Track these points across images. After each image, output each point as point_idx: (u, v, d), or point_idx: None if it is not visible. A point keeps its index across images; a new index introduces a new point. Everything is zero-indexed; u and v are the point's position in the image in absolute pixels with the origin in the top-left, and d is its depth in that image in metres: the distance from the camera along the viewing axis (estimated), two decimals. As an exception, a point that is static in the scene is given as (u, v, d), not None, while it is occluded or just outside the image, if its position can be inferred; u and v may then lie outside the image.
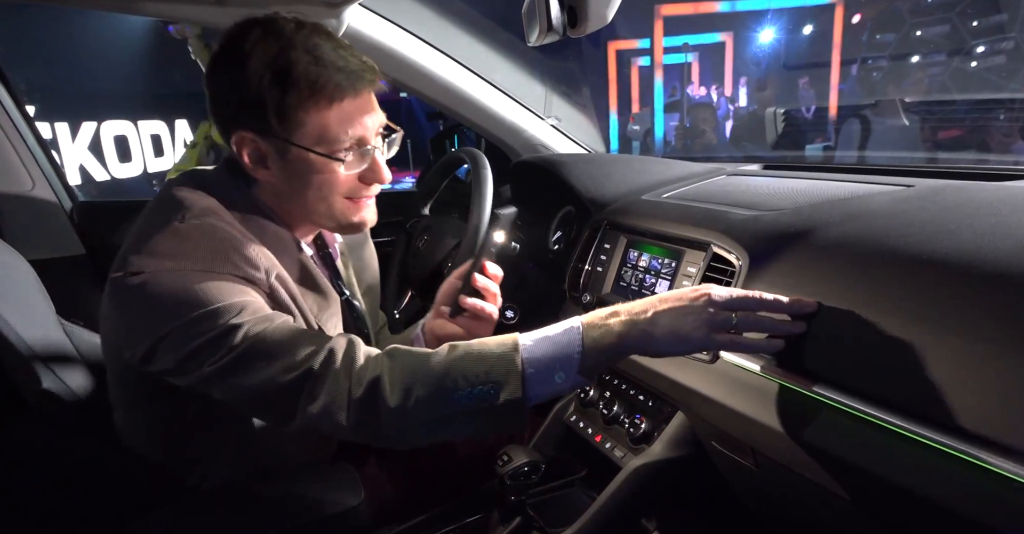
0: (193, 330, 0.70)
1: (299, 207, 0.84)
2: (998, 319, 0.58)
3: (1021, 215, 0.68)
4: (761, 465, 0.83)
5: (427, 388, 0.67)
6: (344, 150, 0.79)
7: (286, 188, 0.82)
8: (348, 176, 0.81)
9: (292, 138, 0.77)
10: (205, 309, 0.70)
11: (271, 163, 0.80)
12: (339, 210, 0.84)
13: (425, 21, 1.52)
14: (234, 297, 0.72)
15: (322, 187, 0.81)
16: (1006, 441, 0.53)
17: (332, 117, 0.77)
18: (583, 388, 1.08)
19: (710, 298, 0.67)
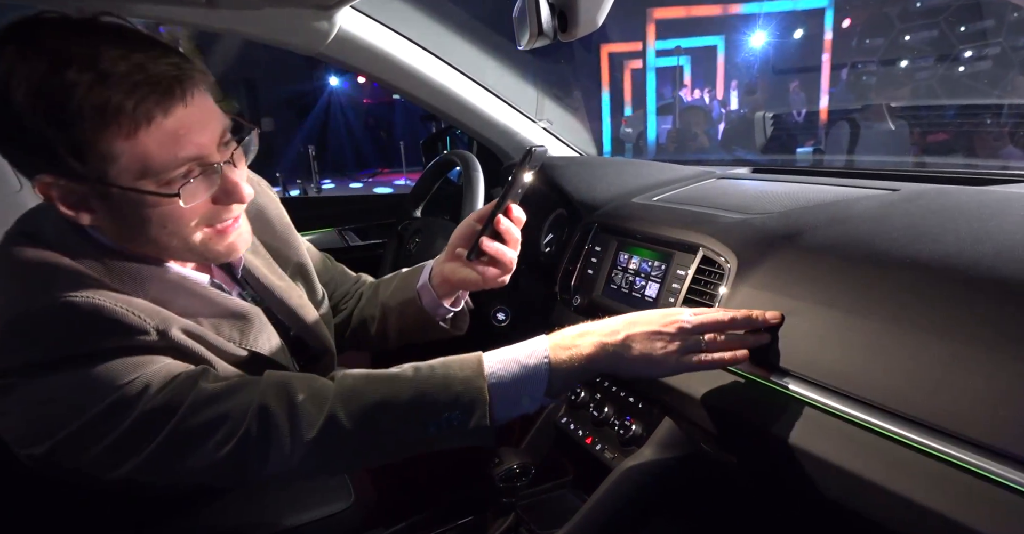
0: (100, 428, 0.59)
1: (149, 248, 0.69)
2: (978, 322, 0.59)
3: (1001, 220, 0.69)
4: (750, 467, 0.84)
5: (392, 421, 0.64)
6: (180, 178, 0.63)
7: (125, 231, 0.67)
8: (193, 208, 0.66)
9: (107, 178, 0.60)
10: (106, 402, 0.59)
11: (95, 206, 0.64)
12: (199, 242, 0.69)
13: (417, 24, 1.52)
14: (134, 374, 0.61)
15: (166, 223, 0.65)
16: (986, 441, 0.54)
17: (150, 142, 0.60)
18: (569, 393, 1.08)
19: (681, 325, 0.68)
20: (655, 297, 1.00)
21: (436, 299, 0.93)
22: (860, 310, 0.69)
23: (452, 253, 0.89)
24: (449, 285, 0.91)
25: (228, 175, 0.67)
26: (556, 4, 0.94)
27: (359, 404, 0.64)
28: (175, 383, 0.63)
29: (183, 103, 0.62)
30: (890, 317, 0.66)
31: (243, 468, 0.63)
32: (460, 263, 0.88)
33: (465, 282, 0.88)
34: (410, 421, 0.65)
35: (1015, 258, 0.61)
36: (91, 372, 0.60)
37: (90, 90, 0.57)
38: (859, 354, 0.67)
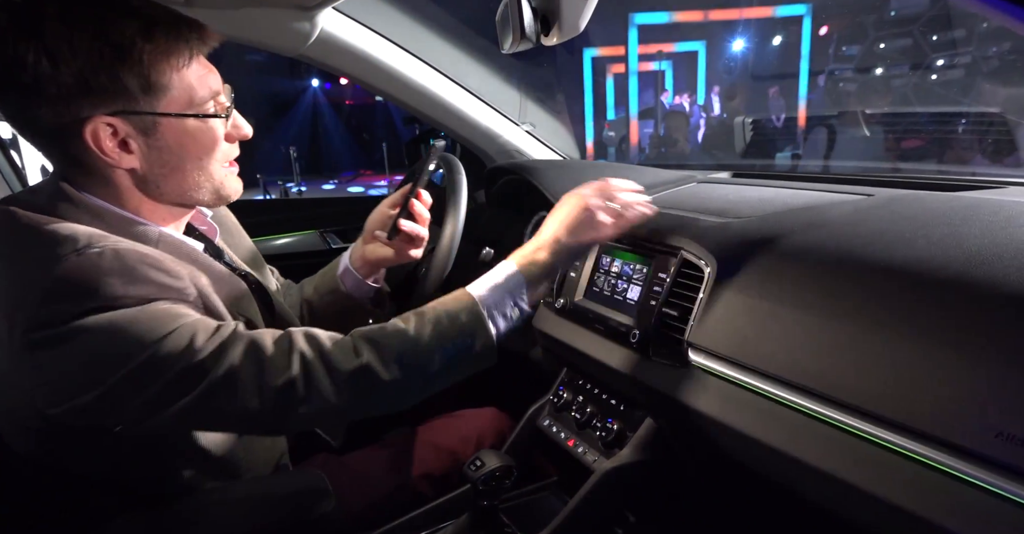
0: (148, 373, 0.64)
1: (175, 185, 0.76)
2: (949, 325, 0.61)
3: (971, 226, 0.71)
4: (730, 468, 0.85)
5: (416, 356, 0.74)
6: (212, 108, 0.75)
7: (157, 169, 0.74)
8: (217, 136, 0.77)
9: (160, 108, 0.71)
10: (154, 348, 0.64)
11: (136, 146, 0.71)
12: (219, 178, 0.79)
13: (400, 26, 1.52)
14: (177, 323, 0.66)
15: (203, 154, 0.76)
16: (958, 441, 0.56)
17: (192, 77, 0.72)
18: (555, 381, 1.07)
19: (590, 208, 0.86)
20: (637, 299, 1.01)
21: (360, 280, 1.06)
22: (836, 313, 0.71)
23: (370, 236, 1.04)
24: (370, 265, 1.05)
25: (235, 114, 0.80)
26: (539, 8, 0.95)
27: (383, 344, 0.73)
28: (217, 332, 0.69)
29: (208, 47, 0.75)
30: (865, 320, 0.68)
31: (285, 410, 0.69)
32: (378, 244, 1.03)
33: (384, 259, 1.04)
34: (431, 352, 0.75)
35: (983, 262, 0.63)
36: (138, 319, 0.65)
37: (146, 32, 0.68)
38: (835, 356, 0.68)
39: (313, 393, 0.69)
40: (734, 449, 0.81)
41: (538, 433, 1.18)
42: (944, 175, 1.10)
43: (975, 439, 0.55)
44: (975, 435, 0.55)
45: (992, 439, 0.54)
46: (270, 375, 0.68)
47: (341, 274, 1.06)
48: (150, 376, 0.64)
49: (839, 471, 0.65)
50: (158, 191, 0.76)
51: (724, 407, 0.80)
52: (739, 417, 0.77)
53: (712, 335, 0.85)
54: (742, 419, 0.77)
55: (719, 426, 0.80)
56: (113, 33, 0.66)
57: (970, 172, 1.04)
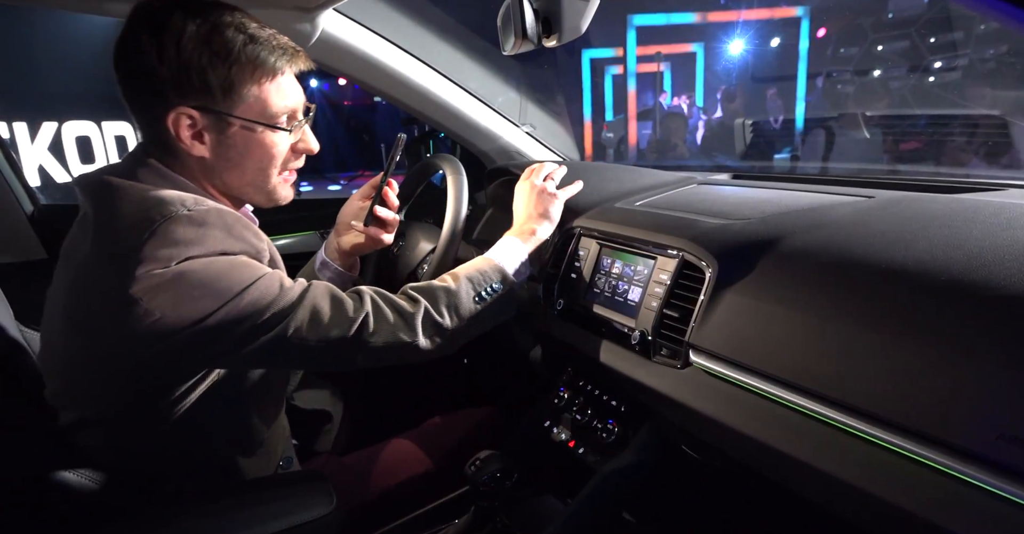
0: (245, 308, 0.74)
1: (234, 180, 0.85)
2: (951, 327, 0.61)
3: (971, 227, 0.71)
4: (730, 469, 0.85)
5: (463, 306, 0.92)
6: (282, 123, 0.84)
7: (222, 162, 0.83)
8: (283, 147, 0.86)
9: (235, 112, 0.79)
10: (250, 287, 0.74)
11: (208, 138, 0.81)
12: (274, 182, 0.88)
13: (401, 27, 1.52)
14: (265, 271, 0.78)
15: (263, 159, 0.84)
16: (959, 443, 0.56)
17: (271, 91, 0.81)
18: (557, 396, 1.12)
19: (544, 190, 1.14)
20: (638, 300, 1.01)
21: (339, 270, 1.14)
22: (837, 314, 0.71)
23: (345, 227, 1.13)
24: (346, 254, 1.13)
25: (307, 129, 0.90)
26: (540, 10, 0.95)
27: (434, 294, 0.90)
28: (297, 282, 0.81)
29: (294, 69, 0.84)
30: (866, 321, 0.68)
31: (358, 341, 0.82)
32: (353, 234, 1.11)
33: (359, 247, 1.12)
34: (472, 299, 0.93)
35: (983, 264, 0.63)
36: (234, 264, 0.75)
37: (245, 46, 0.78)
38: (836, 357, 0.68)
39: (383, 326, 0.83)
40: (735, 450, 0.81)
41: (538, 434, 1.18)
42: (944, 177, 1.10)
43: (976, 441, 0.55)
44: (976, 437, 0.55)
45: (993, 441, 0.54)
46: (347, 310, 0.81)
47: (319, 268, 1.14)
48: (246, 310, 0.74)
49: (840, 472, 0.65)
50: (220, 181, 0.85)
51: (725, 408, 0.80)
52: (740, 418, 0.77)
53: (713, 336, 0.85)
54: (743, 420, 0.77)
55: (720, 427, 0.80)
56: (217, 41, 0.76)
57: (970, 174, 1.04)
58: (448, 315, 0.90)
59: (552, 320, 1.20)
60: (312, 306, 0.79)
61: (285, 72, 0.82)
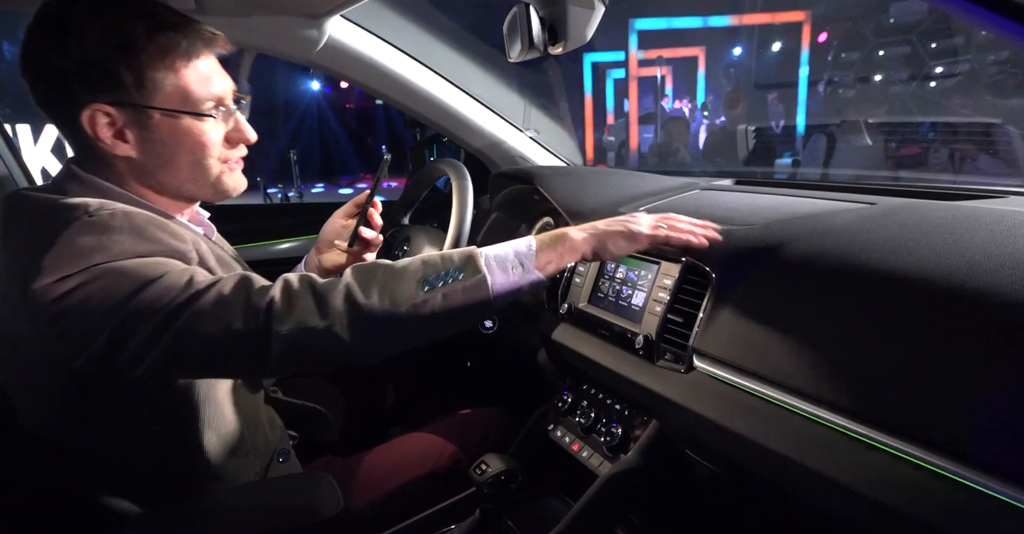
0: (147, 308, 0.67)
1: (170, 177, 0.81)
2: (953, 333, 0.62)
3: (973, 235, 0.72)
4: (734, 473, 0.86)
5: (401, 289, 0.72)
6: (208, 109, 0.79)
7: (152, 160, 0.78)
8: (217, 137, 0.81)
9: (153, 103, 0.75)
10: (152, 285, 0.67)
11: (131, 136, 0.77)
12: (215, 174, 0.83)
13: (407, 33, 1.53)
14: (173, 267, 0.71)
15: (195, 151, 0.80)
16: (963, 448, 0.57)
17: (190, 77, 0.77)
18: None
19: (637, 228, 0.86)
20: (642, 305, 1.02)
21: None
22: (839, 320, 0.72)
23: (328, 245, 1.10)
24: (327, 272, 1.10)
25: (239, 118, 0.84)
26: (547, 18, 0.96)
27: (366, 271, 0.74)
28: (205, 273, 0.73)
29: (214, 53, 0.80)
30: (868, 327, 0.69)
31: (267, 328, 0.68)
32: (335, 253, 1.09)
33: (340, 266, 1.09)
34: (413, 280, 0.73)
35: (985, 271, 0.64)
36: (139, 266, 0.69)
37: (151, 32, 0.73)
38: (839, 363, 0.69)
39: (294, 310, 0.69)
40: (738, 454, 0.82)
41: (543, 437, 1.19)
42: (945, 184, 1.11)
43: (981, 447, 0.56)
44: (981, 443, 0.56)
45: (998, 447, 0.55)
46: (253, 296, 0.69)
47: None
48: (148, 311, 0.67)
49: (844, 477, 0.66)
50: (155, 181, 0.81)
51: (729, 412, 0.80)
52: (744, 422, 0.78)
53: (717, 341, 0.86)
54: (747, 424, 0.78)
55: (723, 431, 0.80)
56: (121, 30, 0.72)
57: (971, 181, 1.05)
58: (376, 296, 0.71)
59: (556, 324, 1.21)
60: (217, 297, 0.69)
61: (201, 56, 0.78)
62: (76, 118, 0.74)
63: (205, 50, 0.78)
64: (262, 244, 1.79)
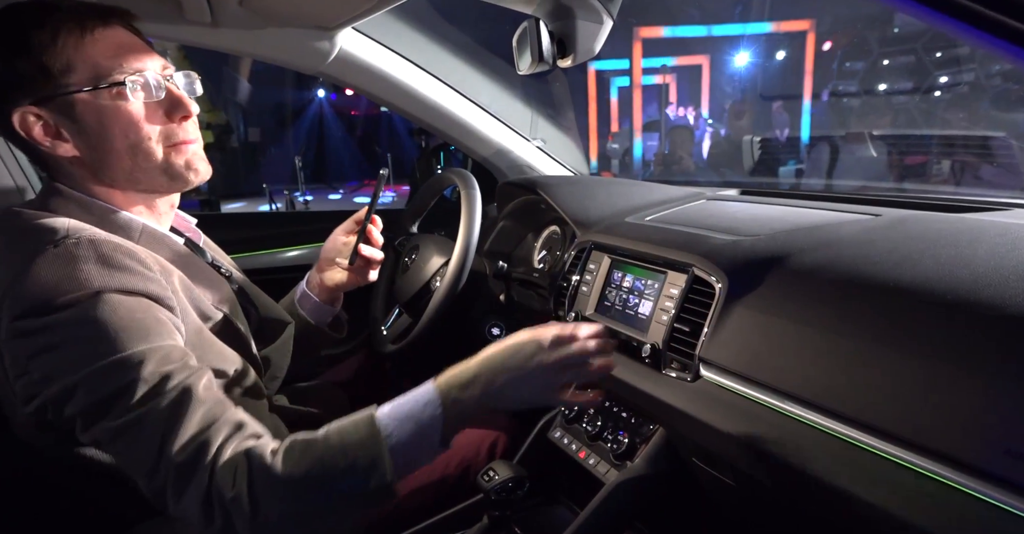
0: (104, 377, 0.64)
1: (117, 170, 0.77)
2: (957, 344, 0.63)
3: (976, 247, 0.73)
4: (740, 481, 0.86)
5: (288, 489, 0.64)
6: (129, 78, 0.74)
7: (93, 154, 0.76)
8: (152, 113, 0.77)
9: (70, 87, 0.72)
10: (118, 354, 0.65)
11: (66, 132, 0.75)
12: (163, 157, 0.79)
13: (416, 45, 1.56)
14: (146, 336, 0.67)
15: (127, 131, 0.75)
16: (966, 458, 0.58)
17: (96, 50, 0.73)
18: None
19: (543, 362, 0.74)
20: (649, 314, 1.03)
21: (318, 303, 1.11)
22: (845, 330, 0.73)
23: (329, 262, 1.09)
24: (328, 290, 1.10)
25: (172, 89, 0.79)
26: (556, 33, 0.99)
27: (275, 478, 0.64)
28: (171, 365, 0.67)
29: (121, 25, 0.76)
30: (874, 338, 0.70)
31: (163, 486, 0.63)
32: (336, 270, 1.08)
33: (342, 284, 1.09)
34: (314, 489, 0.65)
35: (989, 284, 0.65)
36: (108, 314, 0.66)
37: (39, 18, 0.71)
38: (845, 373, 0.70)
39: (192, 489, 0.63)
40: (745, 463, 0.83)
41: (549, 444, 1.20)
42: (950, 196, 1.12)
43: (983, 457, 0.57)
44: (983, 453, 0.57)
45: (1000, 457, 0.56)
46: (171, 447, 0.63)
47: (299, 299, 1.11)
48: (100, 383, 0.64)
49: (848, 486, 0.66)
50: (107, 177, 0.78)
51: (735, 421, 0.81)
52: (750, 432, 0.79)
53: (723, 351, 0.87)
54: (753, 434, 0.79)
55: (730, 440, 0.81)
56: (5, 28, 0.71)
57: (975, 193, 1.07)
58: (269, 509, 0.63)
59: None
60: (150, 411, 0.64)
61: (97, 29, 0.74)
62: (9, 126, 0.73)
63: (101, 23, 0.74)
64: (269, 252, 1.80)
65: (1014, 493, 0.55)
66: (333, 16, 1.21)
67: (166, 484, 0.64)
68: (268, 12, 1.17)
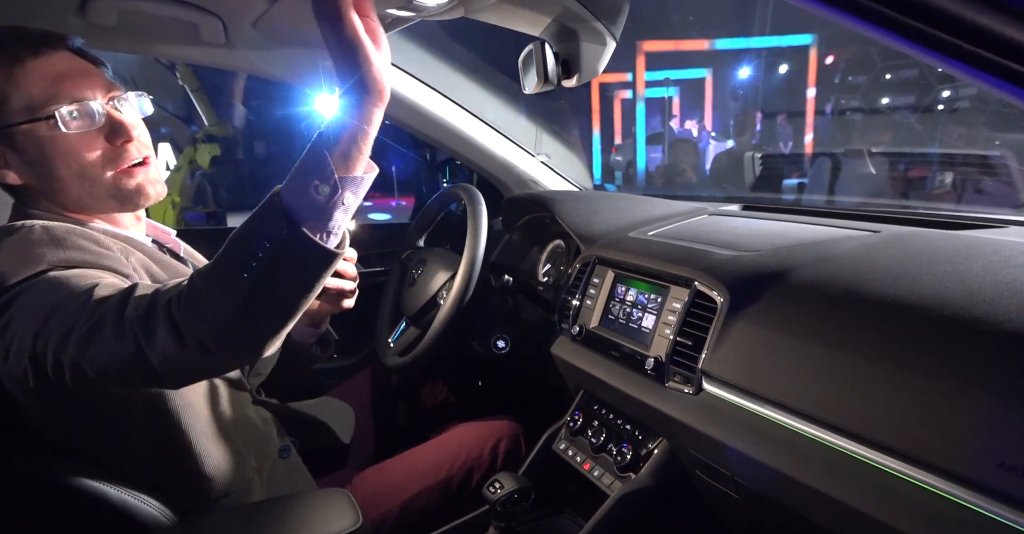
0: (52, 322, 0.65)
1: (66, 194, 0.79)
2: (952, 359, 0.64)
3: (972, 264, 0.75)
4: (742, 494, 0.87)
5: (209, 279, 0.62)
6: (58, 111, 0.74)
7: (41, 182, 0.78)
8: (92, 140, 0.77)
9: (7, 121, 0.74)
10: (68, 300, 0.65)
11: (11, 161, 0.77)
12: (110, 182, 0.79)
13: (422, 62, 1.59)
14: (87, 281, 0.68)
15: (68, 160, 0.76)
16: (961, 471, 0.59)
17: (29, 83, 0.73)
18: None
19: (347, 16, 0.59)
20: (652, 328, 1.05)
21: (301, 326, 1.11)
22: (844, 345, 0.75)
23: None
24: (309, 317, 1.10)
25: (112, 114, 0.79)
26: (561, 54, 1.01)
27: (187, 280, 0.64)
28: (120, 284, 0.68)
29: (54, 52, 0.75)
30: (872, 352, 0.71)
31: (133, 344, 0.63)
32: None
33: (321, 312, 1.09)
34: (227, 267, 0.62)
35: (983, 300, 0.67)
36: (59, 279, 0.68)
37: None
38: (843, 387, 0.72)
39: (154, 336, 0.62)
40: (748, 476, 0.84)
41: (554, 456, 1.21)
42: (947, 213, 1.14)
43: (978, 470, 0.58)
44: (978, 466, 0.58)
45: (995, 470, 0.57)
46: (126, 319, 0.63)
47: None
48: (52, 327, 0.65)
49: (847, 497, 0.68)
50: (60, 202, 0.80)
51: (738, 434, 0.83)
52: (753, 445, 0.80)
53: (725, 364, 0.88)
54: (755, 447, 0.80)
55: (733, 453, 0.83)
56: None
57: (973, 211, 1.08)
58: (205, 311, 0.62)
59: (568, 345, 1.24)
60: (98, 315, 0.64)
61: (34, 54, 0.74)
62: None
63: (33, 53, 0.74)
64: None
65: (1009, 505, 0.56)
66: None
67: (139, 339, 0.62)
68: (279, 34, 1.20)
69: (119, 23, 1.04)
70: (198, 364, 0.65)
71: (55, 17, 1.04)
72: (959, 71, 0.36)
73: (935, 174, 2.28)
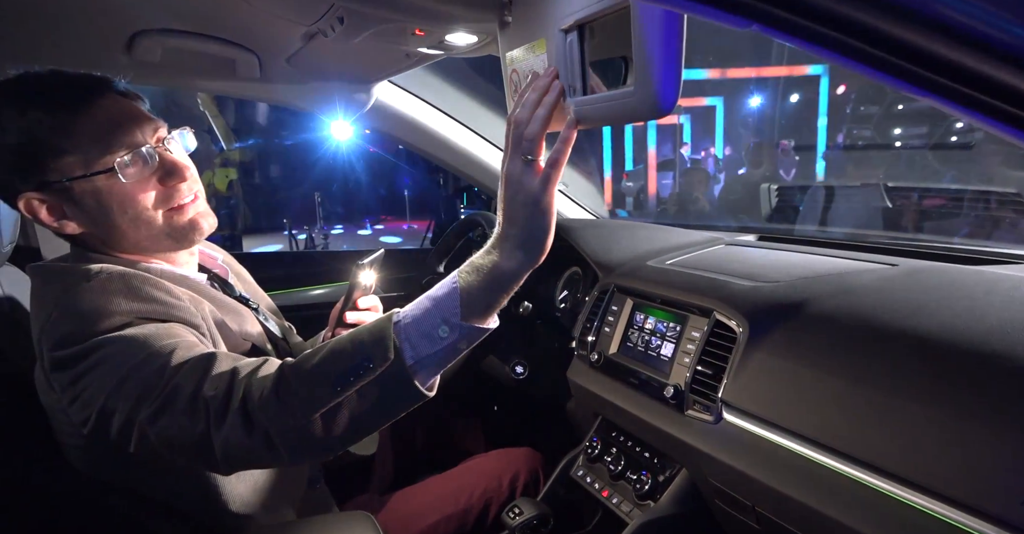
0: (138, 374, 0.66)
1: (123, 239, 0.80)
2: (971, 393, 0.66)
3: (991, 300, 0.76)
4: (763, 524, 0.88)
5: (300, 381, 0.64)
6: (117, 162, 0.75)
7: (99, 229, 0.79)
8: (146, 184, 0.78)
9: (65, 175, 0.74)
10: (146, 364, 0.66)
11: (70, 212, 0.77)
12: (163, 223, 0.80)
13: (443, 92, 1.64)
14: (166, 341, 0.69)
15: (124, 207, 0.77)
16: (983, 506, 0.60)
17: (83, 131, 0.74)
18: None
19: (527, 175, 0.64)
20: (671, 356, 1.06)
21: None
22: (862, 377, 0.76)
23: (331, 327, 1.01)
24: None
25: (165, 155, 0.80)
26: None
27: (274, 376, 0.66)
28: (191, 351, 0.69)
29: (102, 98, 0.76)
30: (890, 385, 0.72)
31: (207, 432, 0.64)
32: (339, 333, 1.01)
33: None
34: (319, 374, 0.64)
35: (1004, 335, 0.68)
36: (136, 338, 0.68)
37: (21, 112, 0.72)
38: (862, 420, 0.73)
39: (224, 423, 0.63)
40: (767, 506, 0.84)
41: (572, 483, 1.21)
42: (964, 247, 1.15)
43: (1000, 505, 0.59)
44: (1000, 501, 0.59)
45: (1018, 506, 0.58)
46: (199, 400, 0.65)
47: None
48: (129, 390, 0.65)
49: (867, 530, 0.68)
50: (118, 246, 0.81)
51: (757, 464, 0.83)
52: (772, 474, 0.81)
53: (745, 394, 0.89)
54: (775, 476, 0.81)
55: (752, 482, 0.83)
56: (4, 117, 0.73)
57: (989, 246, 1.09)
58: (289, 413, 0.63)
59: (586, 372, 1.25)
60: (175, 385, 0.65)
61: (87, 103, 0.74)
62: (15, 209, 0.76)
63: (86, 102, 0.75)
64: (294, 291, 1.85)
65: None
66: (373, 72, 1.30)
67: (209, 421, 0.63)
68: (313, 69, 1.26)
69: (162, 60, 1.09)
70: (258, 457, 0.65)
71: (104, 56, 1.08)
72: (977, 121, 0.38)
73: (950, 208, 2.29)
